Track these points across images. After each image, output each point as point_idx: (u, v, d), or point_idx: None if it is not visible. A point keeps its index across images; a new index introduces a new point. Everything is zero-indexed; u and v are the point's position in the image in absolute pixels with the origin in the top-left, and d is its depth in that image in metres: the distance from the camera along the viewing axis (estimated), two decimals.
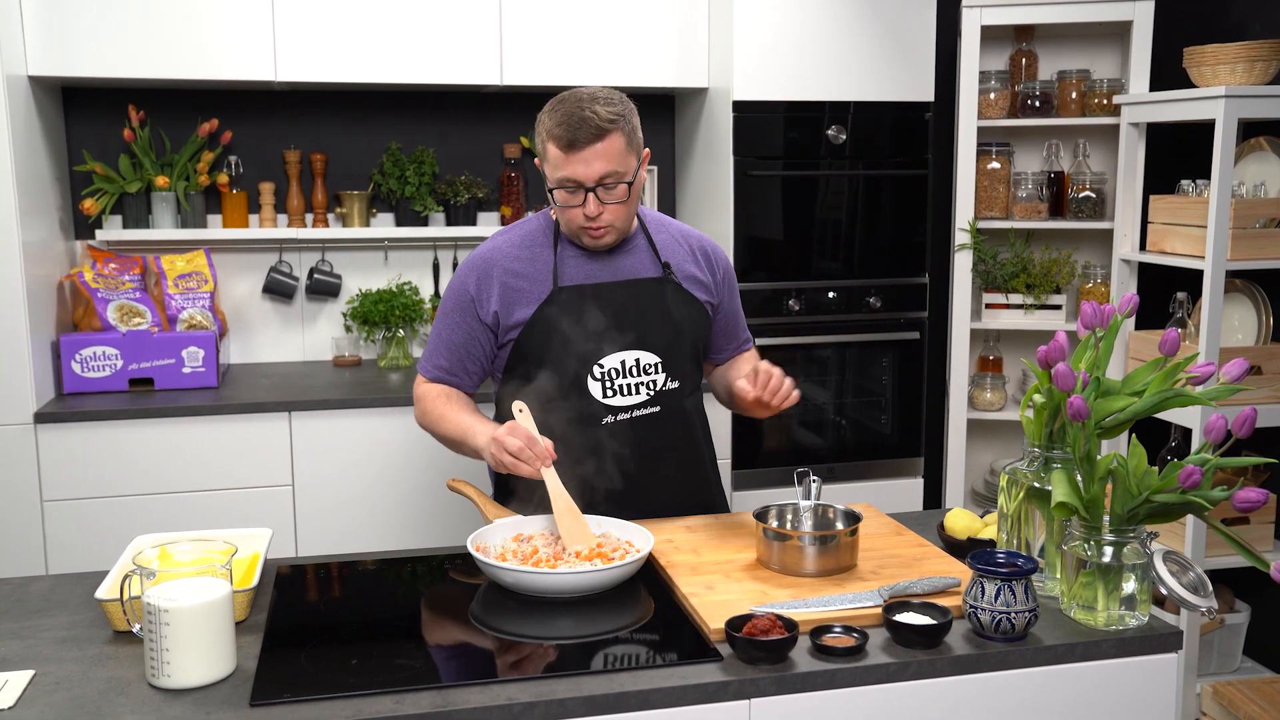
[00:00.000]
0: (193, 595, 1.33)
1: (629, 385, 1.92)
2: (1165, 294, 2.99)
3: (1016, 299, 3.40)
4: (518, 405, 1.80)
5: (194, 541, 1.49)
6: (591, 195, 1.83)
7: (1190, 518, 2.54)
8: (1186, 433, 2.93)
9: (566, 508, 1.73)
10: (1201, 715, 2.83)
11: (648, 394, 1.94)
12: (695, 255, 2.04)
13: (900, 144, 3.24)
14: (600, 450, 1.89)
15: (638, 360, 1.93)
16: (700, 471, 2.06)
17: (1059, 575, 1.61)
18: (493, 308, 1.92)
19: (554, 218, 1.98)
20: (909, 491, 3.38)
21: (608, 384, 1.91)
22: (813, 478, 1.81)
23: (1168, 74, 3.18)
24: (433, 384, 2.00)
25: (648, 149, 1.93)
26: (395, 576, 1.77)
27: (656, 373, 1.94)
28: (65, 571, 2.73)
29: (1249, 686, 2.77)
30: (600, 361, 1.91)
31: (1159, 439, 3.01)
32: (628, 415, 1.93)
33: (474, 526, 1.73)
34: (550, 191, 1.87)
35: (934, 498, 3.59)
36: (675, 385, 1.97)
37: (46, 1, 2.82)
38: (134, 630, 1.42)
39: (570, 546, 1.70)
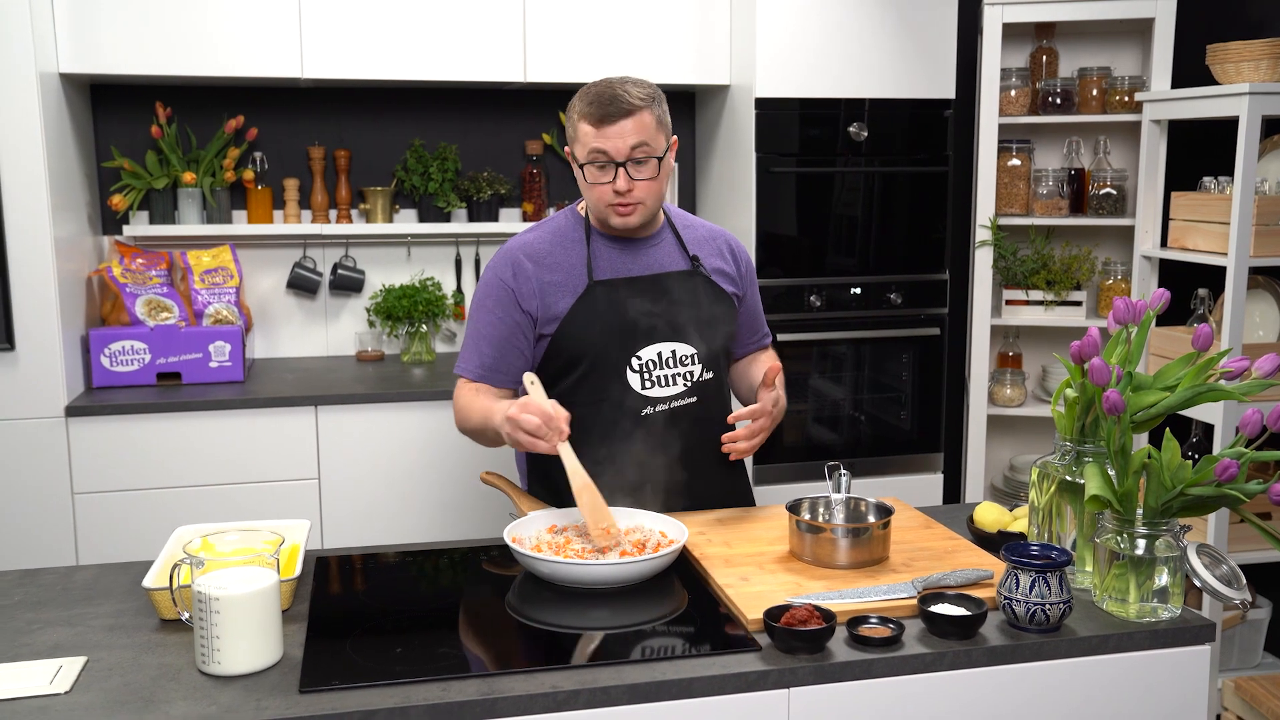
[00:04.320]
0: (242, 584, 1.35)
1: (667, 376, 1.95)
2: (1185, 290, 3.00)
3: (1037, 295, 3.41)
4: (529, 377, 1.80)
5: (241, 531, 1.51)
6: (622, 170, 1.85)
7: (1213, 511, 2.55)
8: (1208, 429, 2.94)
9: (584, 485, 1.73)
10: (1224, 710, 2.84)
11: (685, 385, 1.96)
12: (719, 249, 2.07)
13: (921, 141, 3.26)
14: (641, 442, 1.91)
15: (674, 351, 1.95)
16: (736, 463, 2.08)
17: (1089, 568, 1.63)
18: (534, 299, 1.93)
19: (581, 213, 2.00)
20: (928, 487, 3.39)
21: (646, 376, 1.94)
22: (842, 471, 1.83)
23: (1188, 71, 3.19)
24: (471, 384, 1.97)
25: (676, 137, 1.95)
26: (431, 567, 1.79)
27: (693, 363, 1.96)
28: (94, 562, 2.76)
29: (1271, 682, 2.78)
30: (639, 353, 1.93)
31: (1180, 435, 3.02)
32: (666, 406, 1.95)
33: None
34: (582, 168, 1.88)
35: (953, 493, 3.60)
36: (711, 376, 1.99)
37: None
38: (183, 618, 1.44)
39: (591, 524, 1.70)
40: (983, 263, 3.36)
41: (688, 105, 3.64)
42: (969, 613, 1.48)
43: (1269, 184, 2.86)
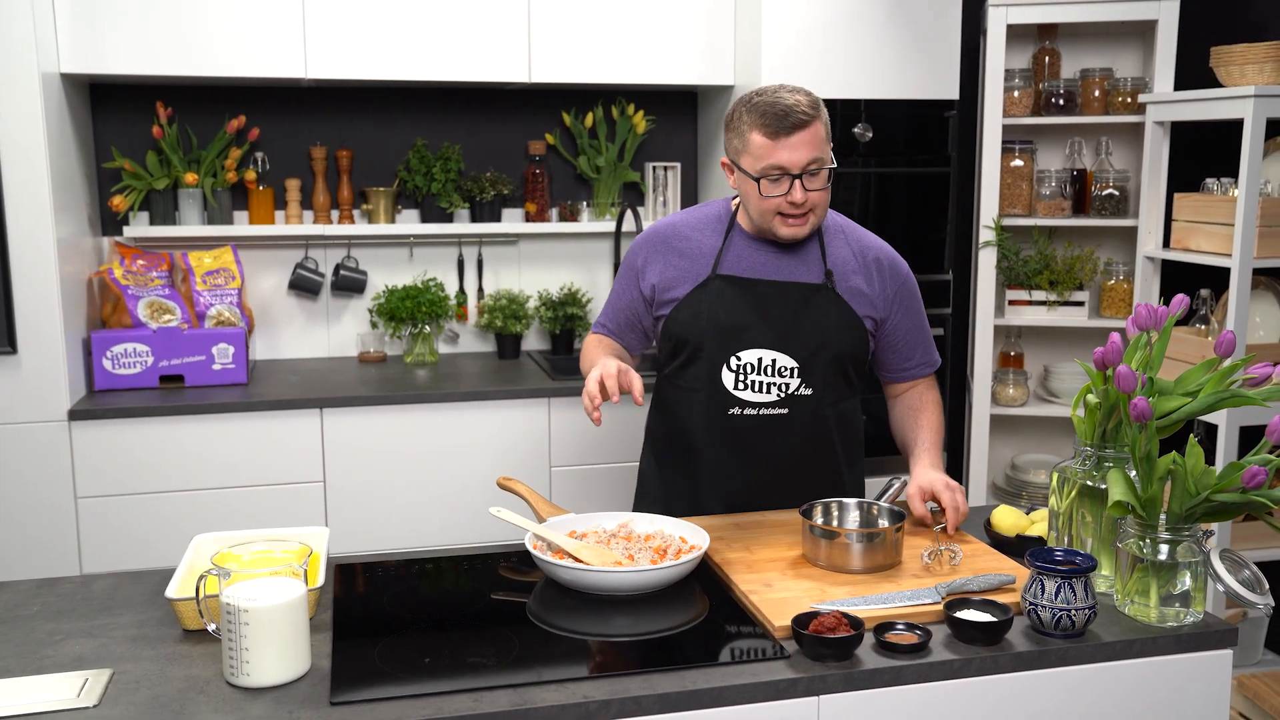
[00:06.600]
0: (271, 595, 1.34)
1: (761, 383, 1.95)
2: (1186, 291, 3.01)
3: (1039, 295, 3.42)
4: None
5: (267, 541, 1.50)
6: (798, 182, 1.86)
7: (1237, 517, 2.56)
8: (1210, 429, 2.95)
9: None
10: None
11: (778, 395, 1.96)
12: (866, 266, 2.00)
13: (924, 141, 3.26)
14: (722, 440, 1.95)
15: (774, 360, 1.95)
16: (825, 481, 2.04)
17: (1106, 571, 1.63)
18: (652, 281, 2.01)
19: (732, 207, 2.02)
20: None
21: (740, 377, 1.95)
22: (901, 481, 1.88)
23: (1190, 72, 3.20)
24: (597, 335, 2.13)
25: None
26: (451, 574, 1.79)
27: (791, 376, 1.96)
28: (98, 569, 2.75)
29: (1273, 679, 2.80)
30: (738, 354, 1.95)
31: (1184, 438, 3.03)
32: (754, 411, 1.96)
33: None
34: (757, 181, 1.87)
35: None
36: (809, 392, 1.97)
37: None
38: (209, 630, 1.43)
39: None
40: (986, 263, 3.37)
41: (691, 105, 3.63)
42: (995, 619, 1.49)
43: (1272, 186, 2.87)
